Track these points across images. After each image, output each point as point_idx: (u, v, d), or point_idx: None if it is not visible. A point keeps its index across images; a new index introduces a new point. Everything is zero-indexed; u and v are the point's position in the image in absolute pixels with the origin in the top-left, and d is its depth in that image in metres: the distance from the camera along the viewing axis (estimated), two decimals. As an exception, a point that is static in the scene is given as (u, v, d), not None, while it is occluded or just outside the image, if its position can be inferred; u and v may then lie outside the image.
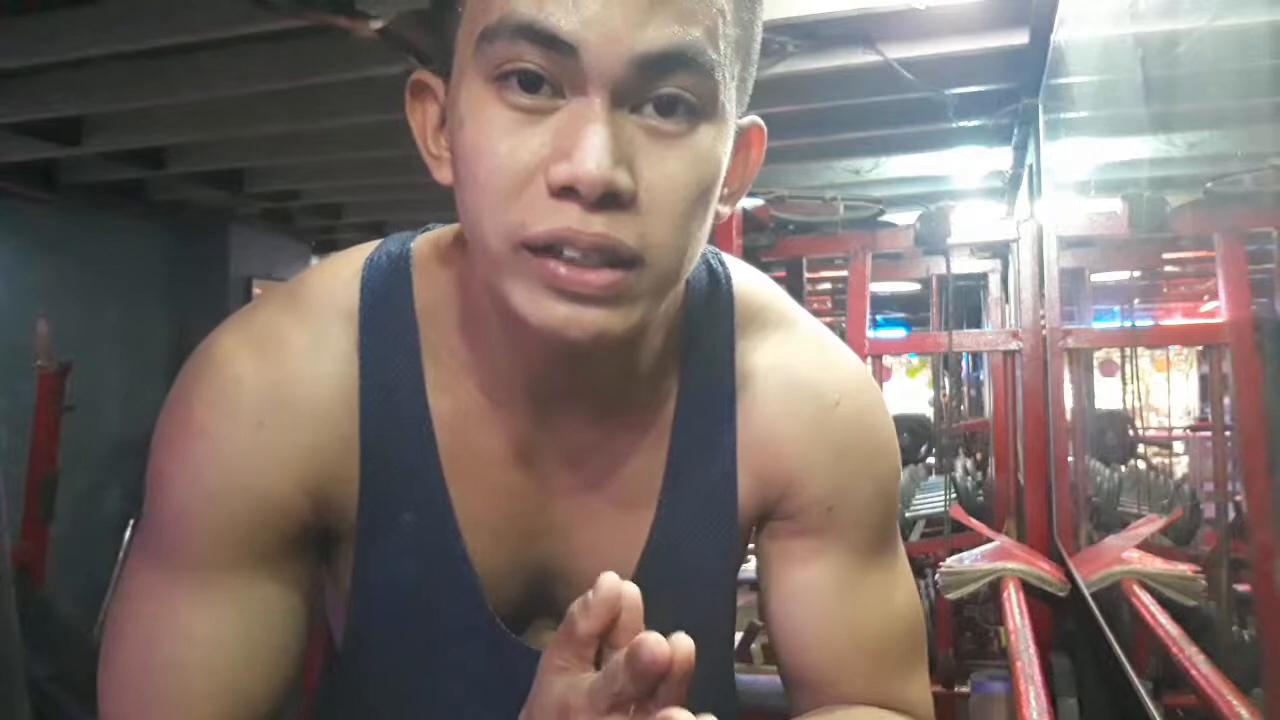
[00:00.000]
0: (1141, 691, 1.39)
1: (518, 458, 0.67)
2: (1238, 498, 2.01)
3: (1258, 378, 1.25)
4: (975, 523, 2.97)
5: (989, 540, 2.53)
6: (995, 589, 2.15)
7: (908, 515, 3.97)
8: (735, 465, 0.70)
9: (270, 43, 2.72)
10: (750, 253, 2.93)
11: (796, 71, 2.68)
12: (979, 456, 5.12)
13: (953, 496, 3.54)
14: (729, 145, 0.59)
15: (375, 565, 0.66)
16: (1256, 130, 1.10)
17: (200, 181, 4.32)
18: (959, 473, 4.44)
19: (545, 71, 0.53)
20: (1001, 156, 3.69)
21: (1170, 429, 4.16)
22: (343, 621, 0.69)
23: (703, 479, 0.69)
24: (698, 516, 0.70)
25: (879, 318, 6.51)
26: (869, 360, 2.90)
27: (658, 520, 0.69)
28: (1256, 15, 1.02)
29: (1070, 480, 2.60)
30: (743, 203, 2.87)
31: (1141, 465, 3.37)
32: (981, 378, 6.09)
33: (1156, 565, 1.76)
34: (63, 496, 3.50)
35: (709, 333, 0.70)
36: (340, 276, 0.67)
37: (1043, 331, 2.65)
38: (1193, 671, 1.28)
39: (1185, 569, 1.69)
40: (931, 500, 4.04)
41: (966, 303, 5.18)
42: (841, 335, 0.77)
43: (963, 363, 6.10)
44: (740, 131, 0.62)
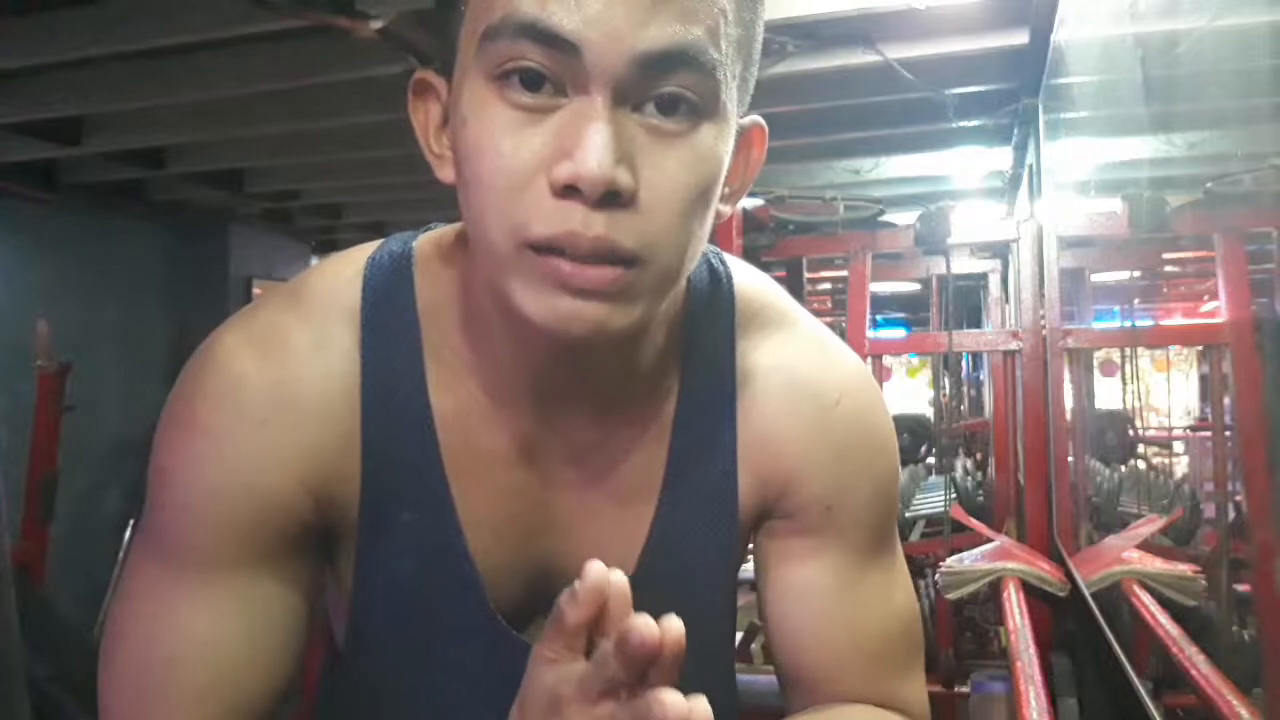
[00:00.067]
0: (1141, 691, 1.39)
1: (519, 456, 0.67)
2: (1238, 498, 2.01)
3: (1258, 378, 1.25)
4: (975, 523, 2.97)
5: (989, 540, 2.53)
6: (995, 589, 2.15)
7: (908, 515, 3.97)
8: (735, 464, 0.70)
9: (270, 43, 2.72)
10: (750, 253, 2.93)
11: (796, 71, 2.68)
12: (979, 456, 5.11)
13: (953, 496, 3.54)
14: (730, 144, 0.59)
15: (376, 563, 0.66)
16: (1256, 130, 1.10)
17: (200, 181, 4.32)
18: (959, 473, 4.44)
19: (547, 70, 0.53)
20: (1001, 156, 3.69)
21: (1170, 429, 4.16)
22: (344, 620, 0.69)
23: (703, 477, 0.69)
24: (698, 514, 0.70)
25: (879, 318, 6.50)
26: (869, 360, 2.90)
27: (658, 518, 0.69)
28: (1256, 15, 1.02)
29: (1070, 480, 2.60)
30: (743, 202, 2.88)
31: (1141, 465, 3.37)
32: (981, 378, 6.09)
33: (1156, 565, 1.76)
34: (63, 496, 3.50)
35: (710, 332, 0.70)
36: (342, 276, 0.67)
37: (1043, 331, 2.65)
38: (1193, 671, 1.28)
39: (1185, 569, 1.69)
40: (931, 500, 4.03)
41: (966, 303, 5.18)
42: (841, 335, 0.78)
43: (963, 363, 6.10)
44: (741, 131, 0.62)
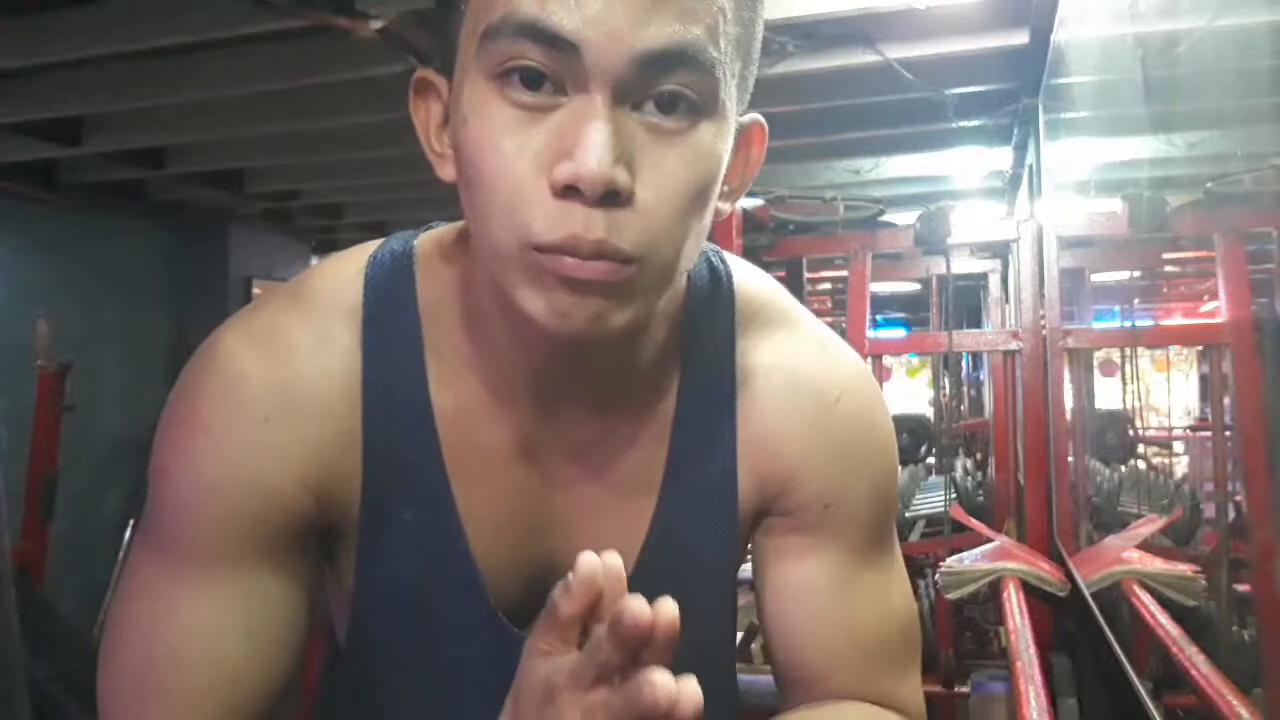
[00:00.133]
0: (1141, 691, 1.39)
1: (520, 453, 0.67)
2: (1238, 498, 2.01)
3: (1258, 378, 1.25)
4: (975, 523, 2.97)
5: (989, 540, 2.53)
6: (995, 589, 2.15)
7: (908, 515, 3.97)
8: (735, 462, 0.70)
9: (270, 43, 2.72)
10: (750, 253, 2.93)
11: (796, 71, 2.68)
12: (979, 456, 5.11)
13: (953, 496, 3.54)
14: (729, 143, 0.59)
15: (377, 561, 0.66)
16: (1256, 130, 1.10)
17: (200, 181, 4.32)
18: (959, 473, 4.44)
19: (547, 69, 0.54)
20: (1001, 156, 3.69)
21: (1170, 429, 4.16)
22: (345, 618, 0.69)
23: (703, 475, 0.70)
24: (698, 512, 0.70)
25: (879, 318, 6.50)
26: (869, 360, 2.90)
27: (658, 515, 0.69)
28: (1256, 15, 1.02)
29: (1070, 480, 2.60)
30: (743, 203, 2.88)
31: (1141, 465, 3.37)
32: (981, 378, 6.09)
33: (1156, 565, 1.76)
34: (63, 496, 3.50)
35: (710, 330, 0.70)
36: (344, 275, 0.67)
37: (1043, 331, 2.65)
38: (1193, 671, 1.28)
39: (1185, 569, 1.69)
40: (931, 500, 4.03)
41: (966, 303, 5.18)
42: (841, 335, 0.78)
43: (963, 363, 6.10)
44: (741, 129, 0.62)
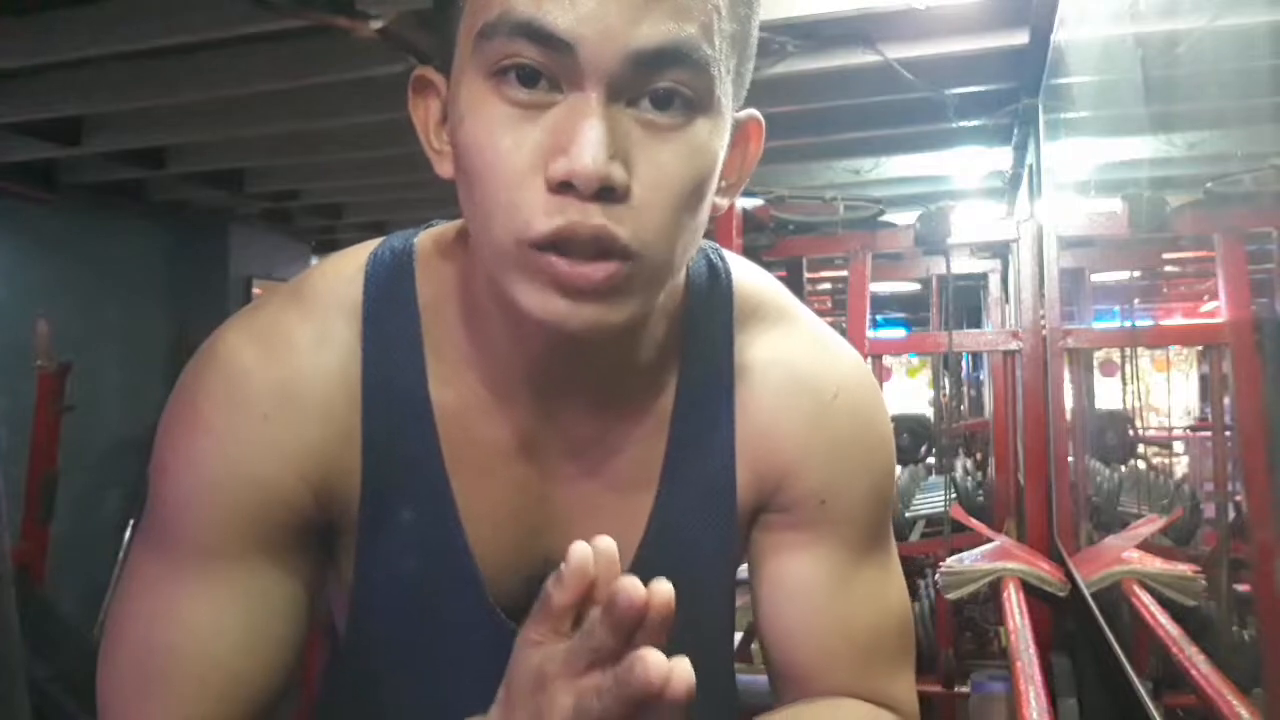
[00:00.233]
0: (1141, 691, 1.39)
1: (519, 450, 0.67)
2: (1238, 498, 2.01)
3: (1258, 378, 1.25)
4: (975, 523, 2.97)
5: (989, 540, 2.53)
6: (995, 589, 2.15)
7: (908, 515, 3.97)
8: (734, 458, 0.70)
9: (270, 43, 2.72)
10: (750, 253, 2.93)
11: (796, 71, 2.68)
12: (979, 456, 5.11)
13: (953, 496, 3.54)
14: (725, 139, 0.59)
15: (377, 558, 0.66)
16: (1256, 130, 1.10)
17: (200, 181, 4.32)
18: (959, 473, 4.43)
19: (543, 67, 0.54)
20: (1001, 156, 3.69)
21: (1170, 429, 4.16)
22: (345, 614, 0.69)
23: (701, 471, 0.70)
24: (696, 508, 0.70)
25: (879, 318, 6.50)
26: (869, 360, 2.90)
27: (656, 510, 0.69)
28: (1256, 15, 1.02)
29: (1070, 480, 2.60)
30: (743, 202, 2.89)
31: (1141, 465, 3.37)
32: (981, 378, 6.09)
33: (1156, 565, 1.76)
34: (63, 496, 3.50)
35: (708, 326, 0.71)
36: (344, 273, 0.67)
37: (1043, 331, 2.65)
38: (1193, 671, 1.28)
39: (1185, 569, 1.69)
40: (931, 500, 4.03)
41: (966, 303, 5.18)
42: (841, 335, 0.78)
43: (963, 363, 6.10)
44: (738, 125, 0.62)
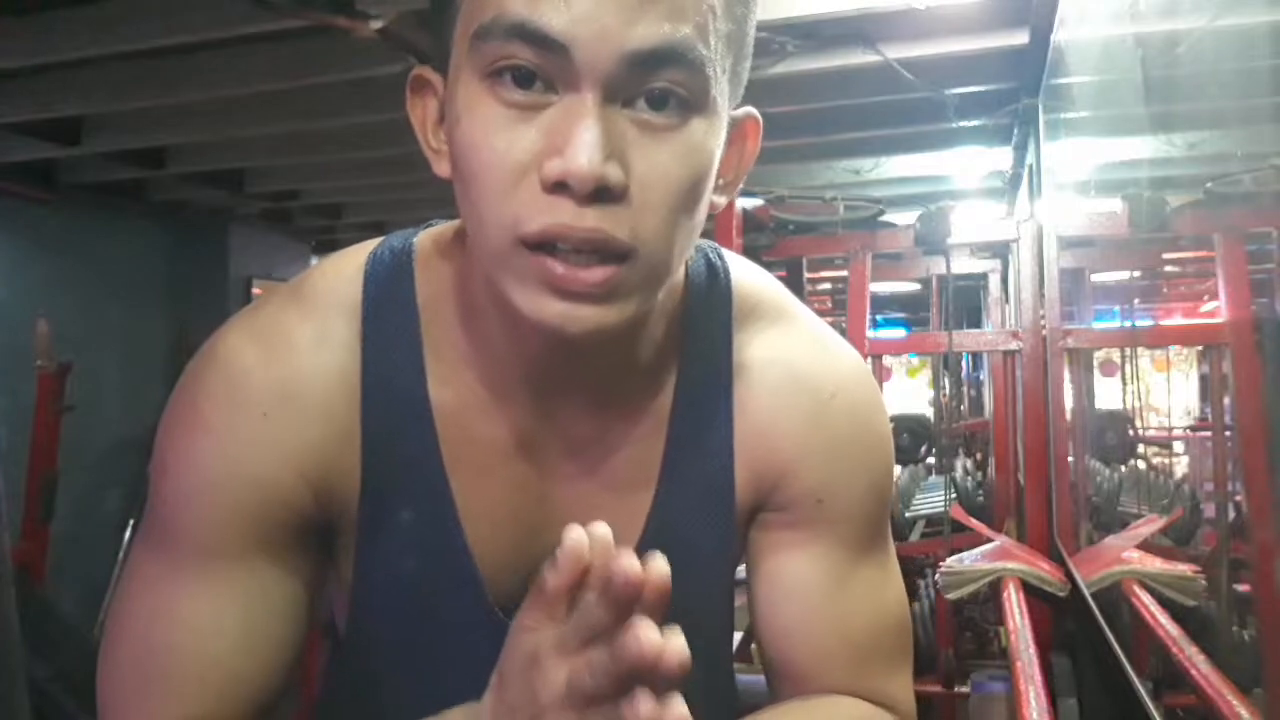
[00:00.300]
0: (1141, 691, 1.39)
1: (518, 449, 0.67)
2: (1238, 498, 2.01)
3: (1258, 378, 1.25)
4: (975, 523, 2.97)
5: (989, 540, 2.53)
6: (995, 589, 2.15)
7: (908, 515, 3.97)
8: (732, 457, 0.70)
9: (270, 43, 2.72)
10: (750, 252, 2.93)
11: (796, 71, 2.67)
12: (979, 456, 5.11)
13: (953, 496, 3.54)
14: (721, 138, 0.59)
15: (376, 557, 0.67)
16: (1256, 130, 1.10)
17: (200, 181, 4.32)
18: (959, 473, 4.43)
19: (538, 68, 0.54)
20: (1001, 156, 3.69)
21: (1170, 429, 4.16)
22: (345, 614, 0.69)
23: (700, 470, 0.70)
24: (695, 507, 0.70)
25: (879, 318, 6.51)
26: (869, 360, 2.90)
27: (654, 509, 0.69)
28: (1256, 15, 1.02)
29: (1070, 480, 2.60)
30: (743, 203, 2.89)
31: (1141, 465, 3.37)
32: (981, 378, 6.09)
33: (1156, 565, 1.76)
34: (63, 496, 3.50)
35: (707, 325, 0.71)
36: (344, 273, 0.67)
37: (1043, 331, 2.65)
38: (1193, 671, 1.28)
39: (1185, 569, 1.69)
40: (931, 500, 4.03)
41: (966, 303, 5.18)
42: (841, 335, 0.77)
43: (963, 363, 6.10)
44: (735, 123, 0.62)
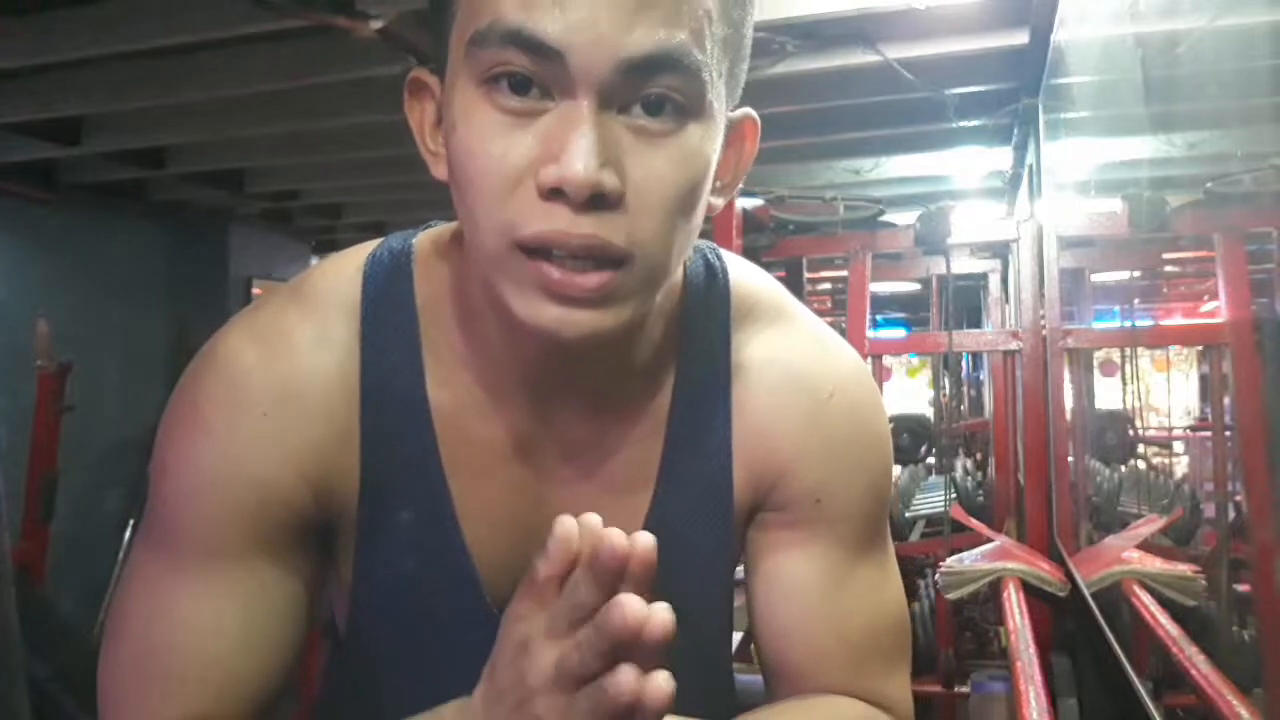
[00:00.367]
0: (1141, 691, 1.39)
1: (516, 450, 0.67)
2: (1238, 498, 2.01)
3: (1258, 378, 1.25)
4: (975, 523, 2.97)
5: (989, 540, 2.53)
6: (995, 589, 2.15)
7: (908, 515, 3.97)
8: (730, 458, 0.70)
9: (270, 43, 2.72)
10: (750, 253, 2.93)
11: (796, 71, 2.67)
12: (979, 456, 5.12)
13: (953, 496, 3.54)
14: (718, 141, 0.59)
15: (375, 557, 0.67)
16: (1256, 130, 1.10)
17: (200, 181, 4.32)
18: (959, 473, 4.44)
19: (533, 75, 0.54)
20: (1001, 156, 3.68)
21: (1170, 429, 4.17)
22: (345, 613, 0.69)
23: (699, 471, 0.70)
24: (693, 507, 0.70)
25: (879, 318, 6.51)
26: (869, 360, 2.90)
27: (653, 510, 0.69)
28: (1256, 15, 1.02)
29: (1070, 480, 2.60)
30: (743, 203, 2.89)
31: (1141, 465, 3.37)
32: (981, 378, 6.09)
33: (1156, 565, 1.76)
34: (63, 496, 3.50)
35: (705, 326, 0.71)
36: (343, 274, 0.68)
37: (1043, 331, 2.65)
38: (1193, 671, 1.28)
39: (1185, 569, 1.69)
40: (931, 500, 4.04)
41: (966, 303, 5.18)
42: (841, 335, 0.77)
43: (963, 363, 6.10)
44: (733, 124, 0.62)
